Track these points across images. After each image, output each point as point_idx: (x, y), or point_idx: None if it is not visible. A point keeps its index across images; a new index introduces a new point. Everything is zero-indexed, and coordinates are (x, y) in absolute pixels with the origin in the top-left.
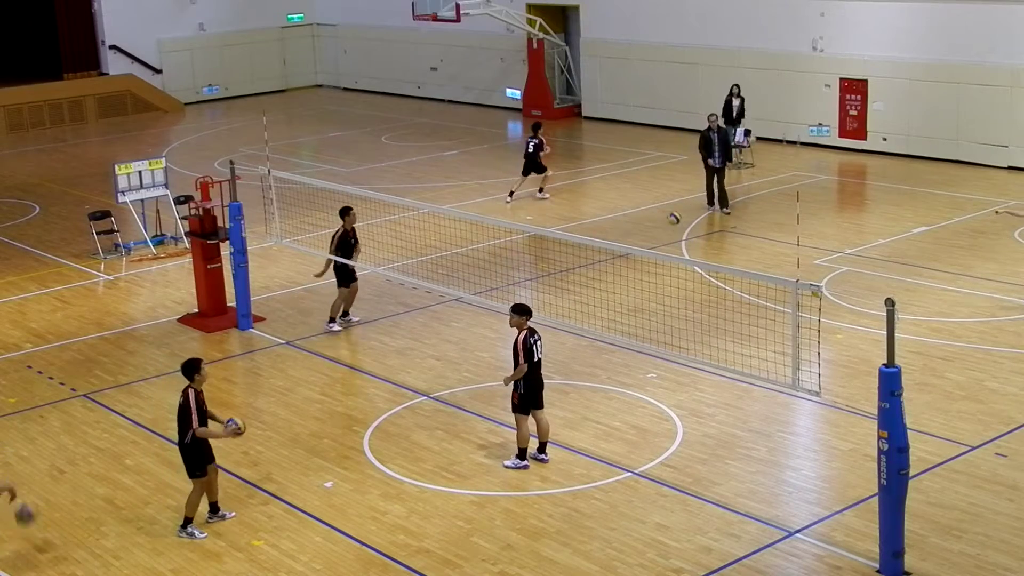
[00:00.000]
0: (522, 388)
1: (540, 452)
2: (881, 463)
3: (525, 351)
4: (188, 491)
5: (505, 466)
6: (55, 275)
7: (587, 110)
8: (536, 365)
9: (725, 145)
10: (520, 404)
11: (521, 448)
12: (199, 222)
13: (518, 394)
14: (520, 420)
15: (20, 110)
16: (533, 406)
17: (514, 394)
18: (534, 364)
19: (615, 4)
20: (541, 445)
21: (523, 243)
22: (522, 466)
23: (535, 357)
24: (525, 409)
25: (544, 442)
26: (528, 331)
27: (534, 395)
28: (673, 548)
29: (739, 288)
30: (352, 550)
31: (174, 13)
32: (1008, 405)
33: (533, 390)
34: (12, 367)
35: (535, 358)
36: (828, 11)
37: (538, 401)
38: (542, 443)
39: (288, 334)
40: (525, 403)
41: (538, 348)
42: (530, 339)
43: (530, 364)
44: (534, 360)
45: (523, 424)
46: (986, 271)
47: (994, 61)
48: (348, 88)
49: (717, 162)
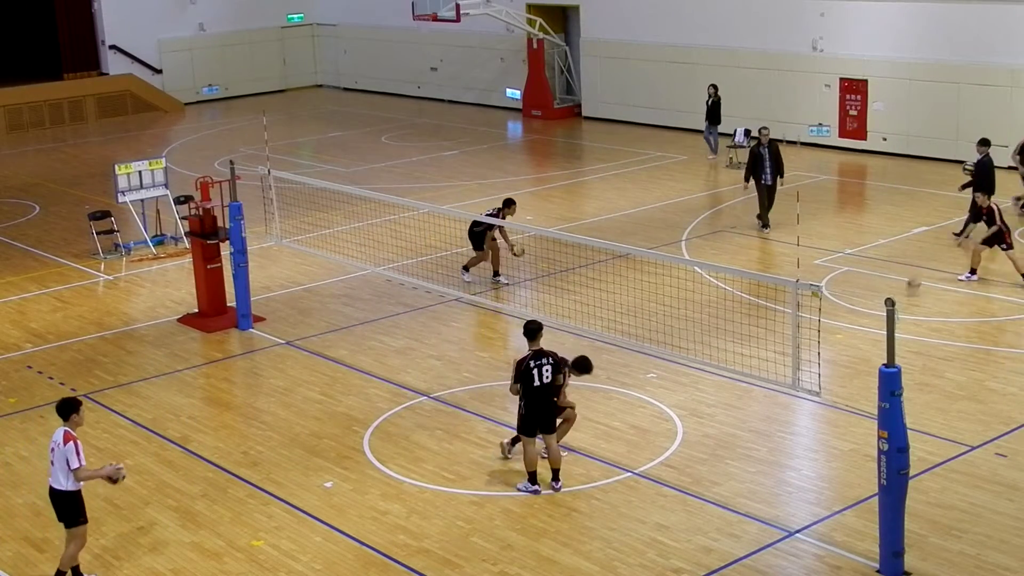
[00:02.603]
0: (522, 409)
1: (553, 480)
2: (881, 463)
3: (518, 373)
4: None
5: (518, 489)
6: (55, 275)
7: (587, 110)
8: (538, 390)
9: (777, 160)
10: (521, 426)
11: (529, 472)
12: (199, 222)
13: (520, 414)
14: (525, 443)
15: (20, 110)
16: (542, 430)
17: (518, 415)
18: (535, 389)
19: (615, 4)
20: (553, 473)
21: (523, 243)
22: (532, 490)
23: (535, 382)
24: (527, 431)
25: (555, 469)
26: (534, 353)
27: (537, 419)
28: (673, 548)
29: (739, 288)
30: (352, 550)
31: (174, 13)
32: (1008, 405)
33: (535, 414)
34: (12, 367)
35: (535, 383)
36: (828, 11)
37: (546, 426)
38: (553, 470)
39: (288, 334)
40: (526, 425)
41: (543, 373)
42: (531, 362)
43: (528, 388)
44: (533, 385)
45: (527, 447)
46: (986, 271)
47: (994, 61)
48: (348, 88)
49: (769, 179)
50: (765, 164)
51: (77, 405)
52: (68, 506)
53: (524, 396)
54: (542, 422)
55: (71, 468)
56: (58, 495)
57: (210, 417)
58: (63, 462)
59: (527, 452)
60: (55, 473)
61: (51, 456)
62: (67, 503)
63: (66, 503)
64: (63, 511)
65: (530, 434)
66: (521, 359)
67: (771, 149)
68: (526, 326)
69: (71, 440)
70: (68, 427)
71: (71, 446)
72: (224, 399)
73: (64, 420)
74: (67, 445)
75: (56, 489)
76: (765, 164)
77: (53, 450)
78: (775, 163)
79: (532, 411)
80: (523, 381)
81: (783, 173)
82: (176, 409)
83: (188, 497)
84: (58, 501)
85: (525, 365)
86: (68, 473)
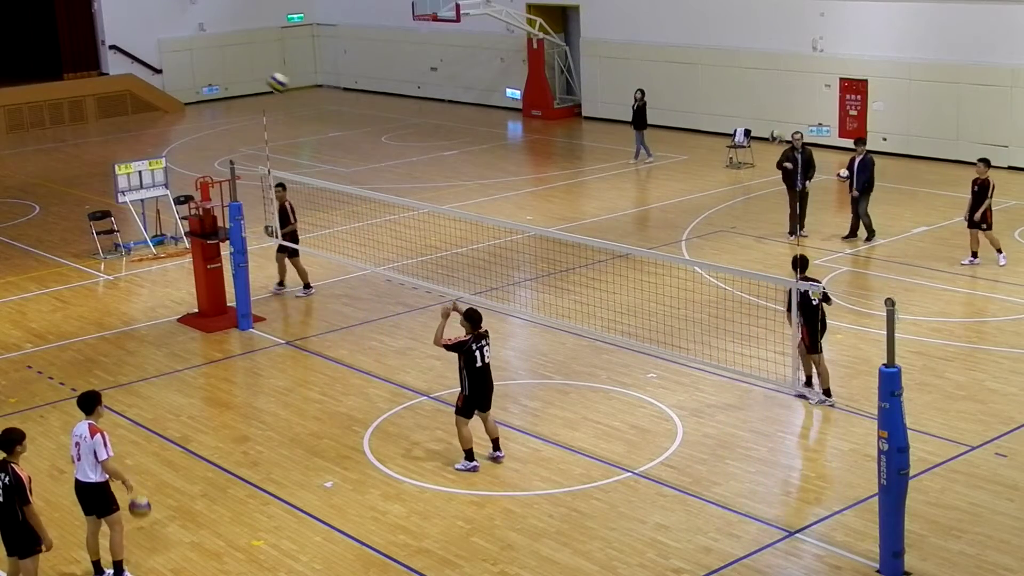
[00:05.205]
0: (467, 390)
1: (495, 450)
2: (881, 463)
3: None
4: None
5: (456, 469)
6: (55, 275)
7: (587, 110)
8: (480, 371)
9: (808, 165)
10: (464, 407)
11: (466, 450)
12: (199, 222)
13: (463, 396)
14: (460, 423)
15: (20, 110)
16: (479, 408)
17: (460, 397)
18: (477, 369)
19: (615, 4)
20: (493, 442)
21: (523, 243)
22: (472, 467)
23: (477, 363)
24: (468, 412)
25: (495, 439)
26: (475, 336)
27: (478, 399)
28: (673, 548)
29: (739, 288)
30: (352, 550)
31: (174, 13)
32: (1008, 405)
33: (480, 394)
34: (12, 367)
35: (477, 364)
36: (828, 11)
37: (484, 404)
38: (493, 440)
39: (288, 334)
40: (469, 406)
41: (484, 354)
42: (473, 344)
43: (472, 369)
44: (476, 366)
45: (463, 427)
46: (986, 271)
47: (994, 61)
48: (348, 88)
49: (800, 184)
50: (796, 169)
51: (99, 397)
52: (98, 497)
53: (468, 378)
54: (481, 402)
55: (99, 460)
56: (87, 488)
57: (210, 417)
58: (90, 455)
59: (463, 432)
60: (81, 467)
61: (75, 451)
62: (97, 495)
63: (96, 495)
64: (94, 503)
65: (469, 415)
66: (464, 340)
67: (804, 154)
68: (471, 313)
69: (98, 432)
70: (91, 420)
71: (99, 438)
72: (224, 399)
73: (87, 413)
74: (95, 438)
75: (84, 482)
76: (796, 169)
77: (78, 444)
78: (806, 168)
79: (475, 392)
80: (467, 364)
81: (812, 176)
82: (176, 409)
83: (188, 497)
84: (87, 494)
85: (468, 347)
86: (95, 465)
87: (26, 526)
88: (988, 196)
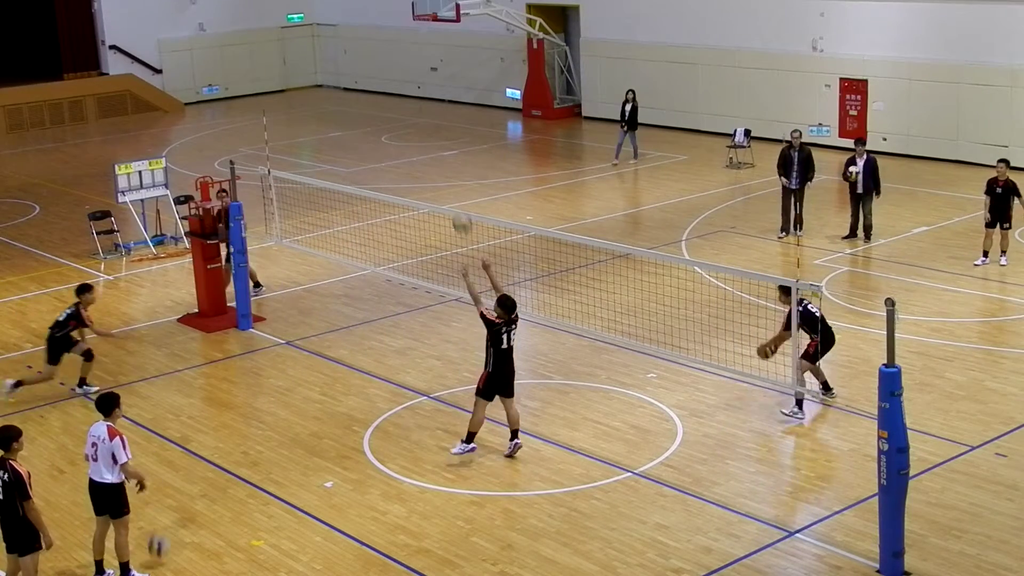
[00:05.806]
0: (491, 367)
1: (514, 438)
2: (881, 463)
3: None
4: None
5: (453, 453)
6: (55, 275)
7: (587, 110)
8: (505, 352)
9: (807, 165)
10: (484, 388)
11: (471, 432)
12: (199, 222)
13: (486, 374)
14: (480, 405)
15: (20, 110)
16: (500, 392)
17: (482, 376)
18: (503, 351)
19: (615, 4)
20: (513, 432)
21: (523, 243)
22: (468, 450)
23: (503, 344)
24: (488, 394)
25: (515, 429)
26: (507, 320)
27: (502, 381)
28: (673, 548)
29: (739, 288)
30: (352, 550)
31: (174, 13)
32: (1008, 405)
33: (501, 376)
34: (12, 367)
35: (503, 345)
36: (828, 11)
37: (507, 389)
38: (513, 430)
39: (288, 334)
40: (490, 387)
41: (512, 337)
42: (504, 327)
43: (497, 350)
44: (501, 347)
45: (481, 409)
46: (986, 271)
47: (993, 61)
48: (348, 88)
49: (794, 183)
50: (793, 167)
51: (117, 399)
52: (113, 498)
53: (493, 357)
54: (503, 386)
55: (118, 462)
56: (101, 488)
57: (210, 417)
58: (108, 457)
59: (478, 414)
60: (97, 468)
61: (91, 451)
62: (112, 496)
63: (111, 496)
64: (108, 504)
65: (490, 397)
66: (496, 321)
67: (802, 153)
68: (504, 300)
69: (116, 435)
70: (109, 422)
71: (117, 441)
72: (224, 399)
73: (105, 415)
74: (113, 440)
75: (98, 483)
76: (793, 167)
77: (95, 445)
78: (803, 167)
79: (498, 371)
80: (493, 342)
81: (812, 178)
82: (176, 409)
83: (188, 497)
84: (102, 494)
85: (498, 327)
86: (113, 467)
87: (26, 522)
88: (1019, 195)
